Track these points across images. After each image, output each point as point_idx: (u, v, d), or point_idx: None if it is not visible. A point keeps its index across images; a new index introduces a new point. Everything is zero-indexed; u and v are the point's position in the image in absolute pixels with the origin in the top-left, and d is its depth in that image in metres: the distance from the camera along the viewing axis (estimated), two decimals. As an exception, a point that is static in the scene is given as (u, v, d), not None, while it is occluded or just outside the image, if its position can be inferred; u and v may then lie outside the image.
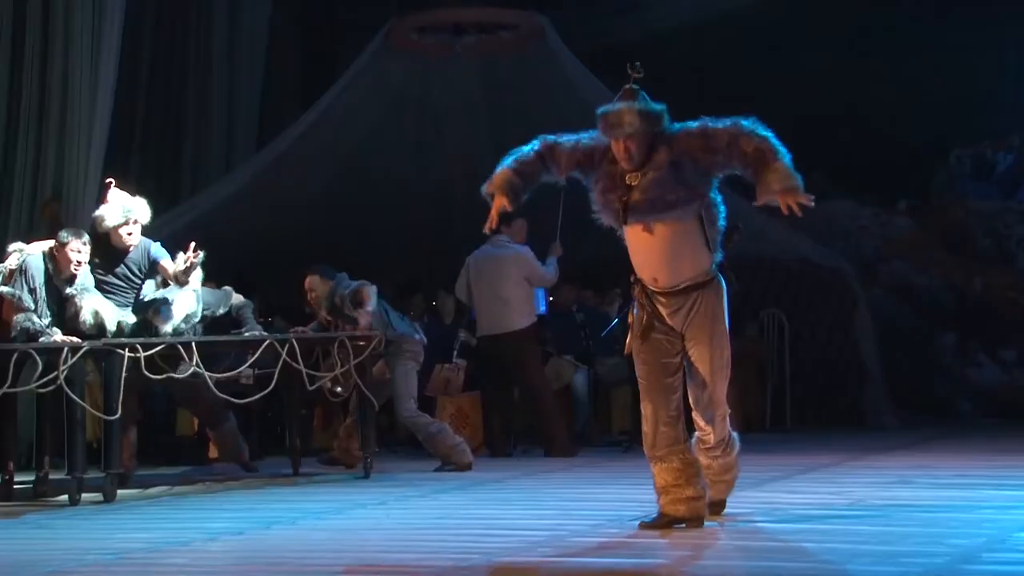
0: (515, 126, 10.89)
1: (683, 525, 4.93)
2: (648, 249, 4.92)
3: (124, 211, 6.68)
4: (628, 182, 4.89)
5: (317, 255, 10.39)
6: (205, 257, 6.68)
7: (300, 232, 10.36)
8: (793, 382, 10.34)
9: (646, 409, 4.99)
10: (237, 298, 7.23)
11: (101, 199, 6.88)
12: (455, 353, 8.98)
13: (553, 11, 10.57)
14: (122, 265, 6.75)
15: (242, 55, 11.09)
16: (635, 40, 12.08)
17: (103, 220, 6.68)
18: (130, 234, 6.69)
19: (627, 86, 4.92)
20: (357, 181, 10.62)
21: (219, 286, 7.36)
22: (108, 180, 6.86)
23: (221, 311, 7.11)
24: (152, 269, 6.82)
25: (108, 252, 6.74)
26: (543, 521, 5.32)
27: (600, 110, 4.95)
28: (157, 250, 6.83)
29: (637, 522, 5.07)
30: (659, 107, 4.92)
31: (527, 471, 7.46)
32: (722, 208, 4.92)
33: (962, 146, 11.64)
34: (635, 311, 5.04)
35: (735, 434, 5.10)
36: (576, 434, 9.06)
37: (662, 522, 4.95)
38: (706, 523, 4.98)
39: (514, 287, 8.45)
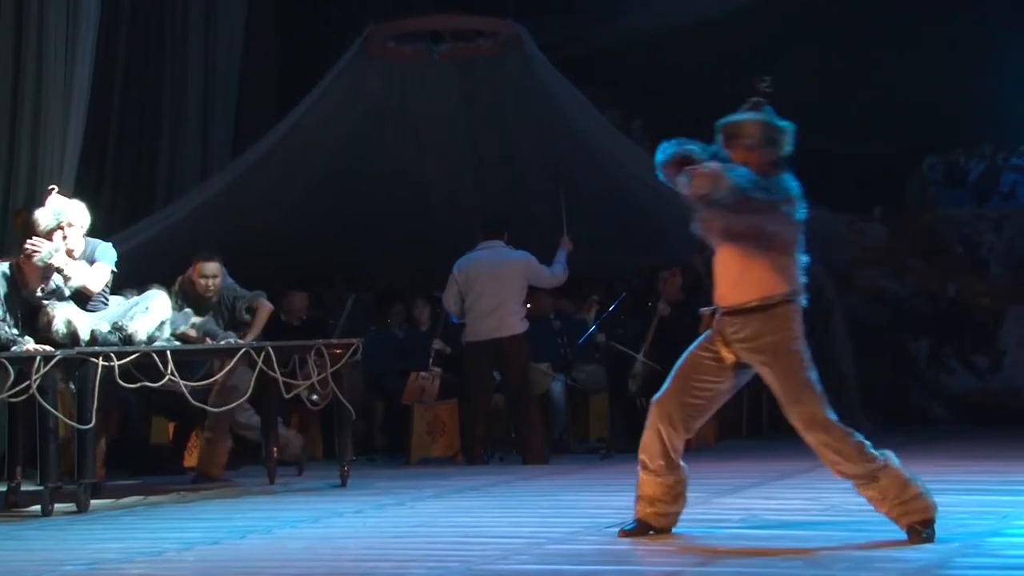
0: (492, 133, 10.93)
1: (654, 532, 4.95)
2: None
3: (55, 215, 6.55)
4: None
5: (294, 263, 10.39)
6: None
7: (277, 240, 10.34)
8: (769, 389, 10.35)
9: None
10: (196, 317, 7.21)
11: (41, 204, 6.78)
12: (430, 361, 8.98)
13: (529, 17, 10.58)
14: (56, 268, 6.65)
15: (218, 62, 11.05)
16: (610, 48, 12.13)
17: (37, 223, 6.61)
18: (65, 238, 6.61)
19: (753, 98, 4.76)
20: (334, 188, 10.60)
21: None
22: (51, 187, 6.80)
23: (182, 329, 7.07)
24: None
25: None
26: (520, 529, 5.32)
27: (720, 121, 4.75)
28: (102, 252, 6.72)
29: (615, 529, 5.08)
30: (784, 124, 4.74)
31: (504, 479, 7.45)
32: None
33: (935, 154, 11.72)
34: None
35: (882, 453, 4.66)
36: (554, 442, 9.07)
37: (640, 530, 4.96)
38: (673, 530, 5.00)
39: (516, 292, 8.49)
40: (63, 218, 6.58)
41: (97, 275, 6.63)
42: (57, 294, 6.49)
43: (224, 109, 11.12)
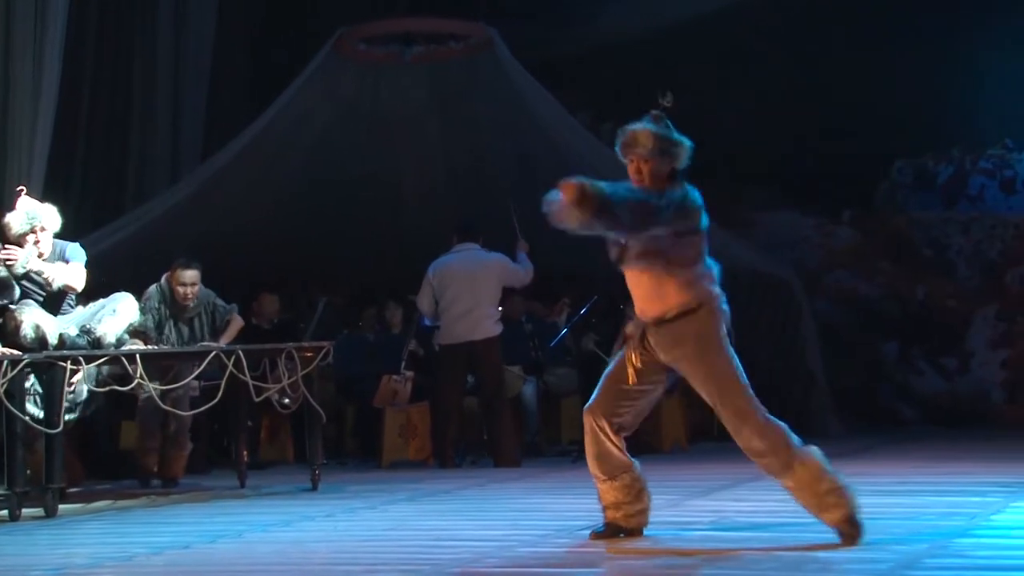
0: (464, 136, 10.93)
1: (624, 534, 4.98)
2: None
3: (29, 218, 6.53)
4: None
5: (265, 266, 10.35)
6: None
7: (248, 242, 10.29)
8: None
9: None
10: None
11: (11, 207, 6.74)
12: (403, 364, 8.96)
13: (500, 21, 10.59)
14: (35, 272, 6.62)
15: (188, 64, 10.99)
16: (580, 51, 12.15)
17: (10, 228, 6.57)
18: (37, 242, 6.57)
19: (654, 111, 4.89)
20: (305, 191, 10.57)
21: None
22: (19, 188, 6.75)
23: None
24: None
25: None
26: (492, 532, 5.32)
27: (619, 128, 4.89)
28: (72, 251, 6.70)
29: (586, 532, 5.09)
30: (681, 138, 4.83)
31: (476, 482, 7.45)
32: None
33: (904, 157, 11.80)
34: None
35: (806, 446, 4.76)
36: (525, 445, 9.07)
37: (610, 532, 4.98)
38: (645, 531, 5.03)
39: (491, 295, 8.51)
40: (37, 222, 6.55)
41: (77, 274, 6.64)
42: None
43: (194, 110, 11.06)
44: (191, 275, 7.54)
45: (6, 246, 6.50)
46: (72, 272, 6.63)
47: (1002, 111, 11.01)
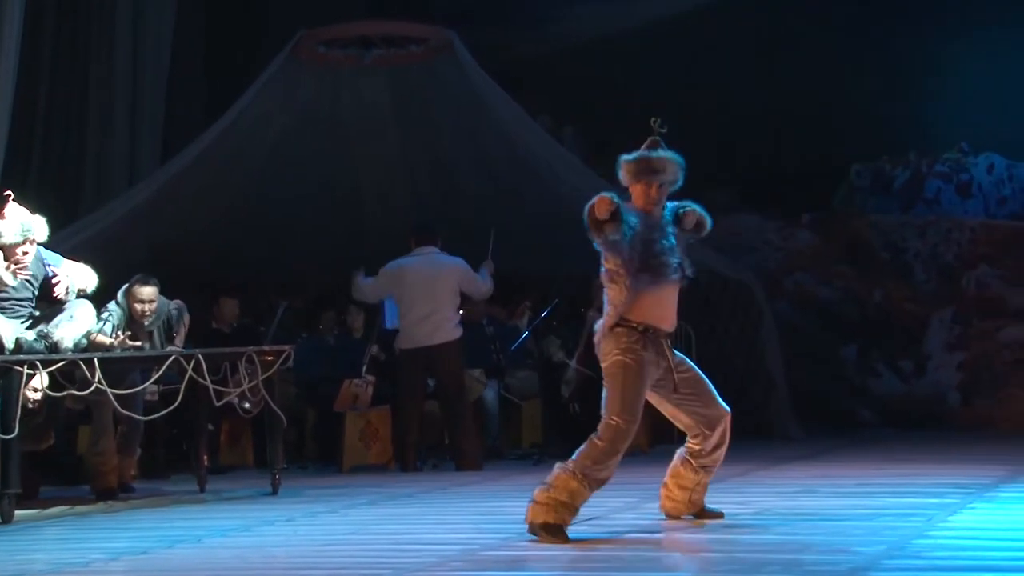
0: (424, 139, 10.92)
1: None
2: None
3: (24, 230, 6.52)
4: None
5: (225, 269, 10.29)
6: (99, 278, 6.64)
7: (207, 246, 10.23)
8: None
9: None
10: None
11: None
12: (363, 368, 8.94)
13: (460, 25, 10.59)
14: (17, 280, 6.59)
15: (146, 67, 10.91)
16: (541, 55, 12.17)
17: (1, 236, 6.52)
18: (26, 253, 6.54)
19: (654, 138, 5.31)
20: (265, 194, 10.52)
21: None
22: (7, 193, 6.70)
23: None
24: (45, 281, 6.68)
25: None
26: (454, 535, 5.31)
27: (637, 155, 5.30)
28: (53, 257, 6.71)
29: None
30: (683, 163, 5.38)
31: (438, 485, 7.44)
32: None
33: (862, 161, 11.90)
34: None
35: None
36: (487, 448, 9.07)
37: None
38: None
39: (450, 298, 8.48)
40: (30, 234, 6.54)
41: (86, 273, 6.74)
42: None
43: (153, 112, 10.99)
44: (149, 292, 7.39)
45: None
46: (82, 273, 6.75)
47: (957, 115, 11.13)
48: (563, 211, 10.55)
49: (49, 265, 6.67)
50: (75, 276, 6.75)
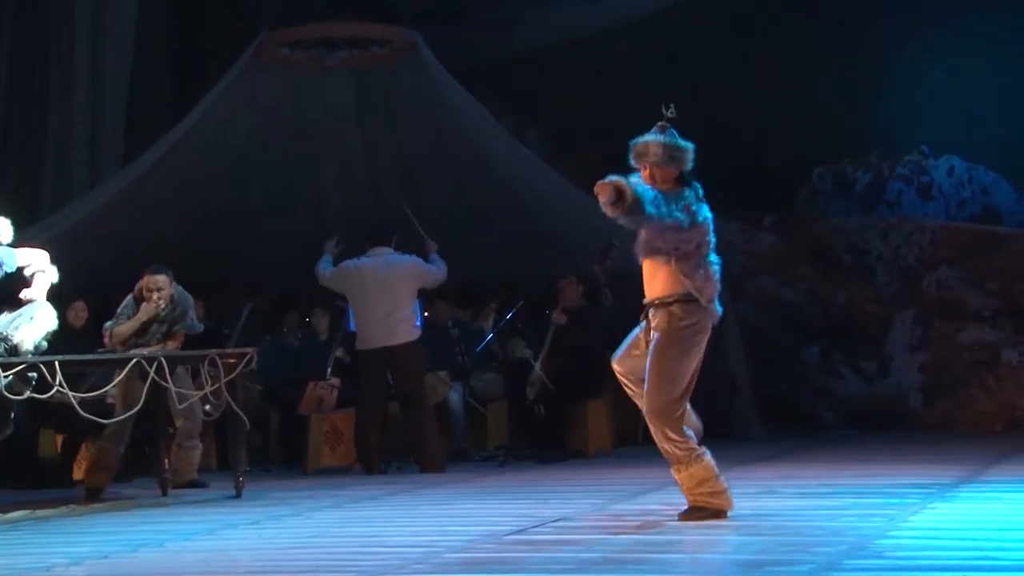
0: (388, 140, 10.89)
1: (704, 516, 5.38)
2: None
3: None
4: None
5: (187, 272, 10.20)
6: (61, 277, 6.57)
7: (169, 248, 10.14)
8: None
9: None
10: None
11: None
12: (328, 371, 8.90)
13: (423, 26, 10.57)
14: None
15: (107, 67, 10.83)
16: (504, 56, 12.18)
17: None
18: None
19: (660, 123, 5.52)
20: (227, 196, 10.46)
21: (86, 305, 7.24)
22: None
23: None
24: None
25: None
26: (418, 538, 5.30)
27: (631, 141, 5.49)
28: (4, 252, 6.63)
29: (512, 537, 5.10)
30: (686, 144, 5.51)
31: (402, 488, 7.43)
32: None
33: (824, 164, 11.98)
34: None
35: (704, 449, 5.53)
36: (452, 450, 9.06)
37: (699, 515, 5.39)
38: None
39: (407, 298, 8.46)
40: None
41: (42, 257, 6.74)
42: None
43: (113, 116, 10.91)
44: (159, 280, 7.48)
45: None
46: (42, 257, 6.75)
47: (918, 118, 11.22)
48: (527, 213, 10.62)
49: (2, 264, 6.60)
50: (46, 267, 6.68)
